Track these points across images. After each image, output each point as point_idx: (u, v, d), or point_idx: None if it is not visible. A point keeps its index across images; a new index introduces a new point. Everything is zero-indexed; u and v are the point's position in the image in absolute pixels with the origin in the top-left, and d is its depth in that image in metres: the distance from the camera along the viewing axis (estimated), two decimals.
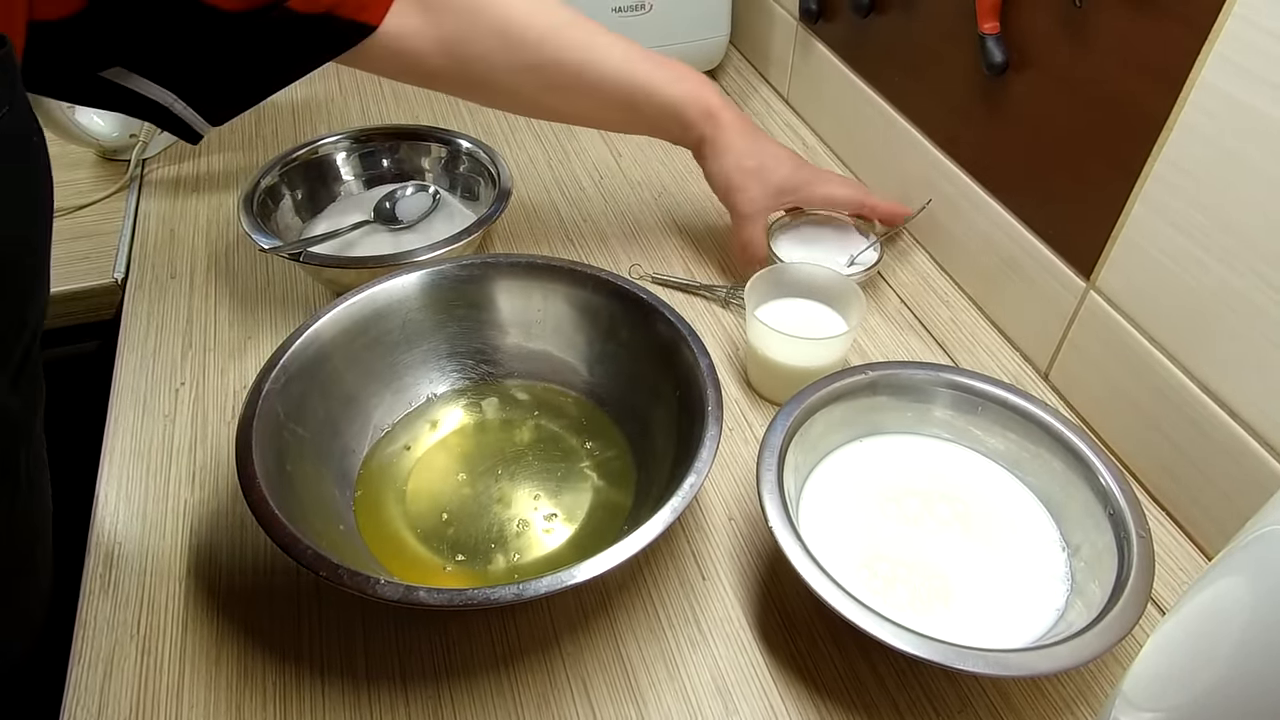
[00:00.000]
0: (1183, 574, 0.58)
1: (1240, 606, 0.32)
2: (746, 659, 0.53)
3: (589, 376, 0.65)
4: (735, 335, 0.74)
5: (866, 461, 0.60)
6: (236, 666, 0.52)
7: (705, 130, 0.73)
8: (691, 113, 0.72)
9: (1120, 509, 0.52)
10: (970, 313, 0.77)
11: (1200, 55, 0.52)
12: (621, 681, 0.52)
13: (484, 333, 0.66)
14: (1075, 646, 0.45)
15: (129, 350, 0.72)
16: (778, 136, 0.99)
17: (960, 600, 0.53)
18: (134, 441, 0.65)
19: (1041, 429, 0.57)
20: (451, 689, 0.52)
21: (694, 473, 0.51)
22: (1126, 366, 0.62)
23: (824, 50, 0.94)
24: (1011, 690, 0.52)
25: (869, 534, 0.56)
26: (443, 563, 0.56)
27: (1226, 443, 0.55)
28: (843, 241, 0.78)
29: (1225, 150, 0.51)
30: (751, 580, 0.57)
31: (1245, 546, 0.33)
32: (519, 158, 0.95)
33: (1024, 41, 0.66)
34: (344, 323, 0.61)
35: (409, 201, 0.81)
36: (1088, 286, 0.64)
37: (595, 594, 0.56)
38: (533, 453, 0.62)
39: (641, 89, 0.71)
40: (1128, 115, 0.58)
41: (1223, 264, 0.53)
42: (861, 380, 0.59)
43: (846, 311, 0.67)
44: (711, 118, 0.73)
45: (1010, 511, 0.57)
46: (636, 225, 0.86)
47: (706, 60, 1.05)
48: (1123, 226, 0.60)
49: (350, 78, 1.08)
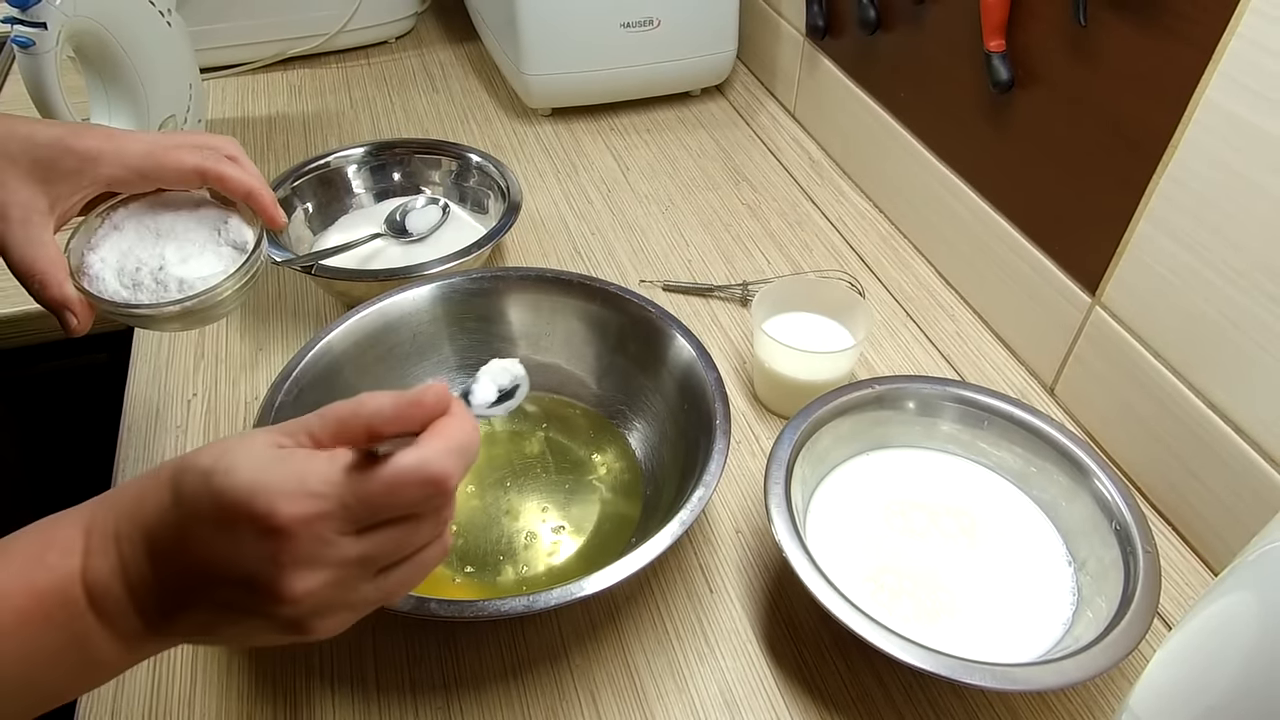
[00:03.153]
0: (1189, 589, 0.59)
1: (1246, 621, 0.32)
2: (754, 672, 0.53)
3: (597, 389, 0.66)
4: (743, 349, 0.75)
5: (873, 475, 0.60)
6: (248, 676, 0.53)
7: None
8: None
9: (1126, 523, 0.52)
10: (976, 327, 0.78)
11: (1205, 74, 0.52)
12: (629, 694, 0.52)
13: (494, 345, 0.67)
14: (1082, 661, 0.46)
15: (141, 361, 0.73)
16: (784, 152, 0.99)
17: (966, 614, 0.53)
18: (146, 452, 0.65)
19: (1047, 443, 0.57)
20: (461, 700, 0.52)
21: (702, 486, 0.51)
22: (1132, 382, 0.62)
23: (830, 66, 0.95)
24: (1018, 705, 0.52)
25: (876, 547, 0.56)
26: (452, 574, 0.56)
27: (1232, 458, 0.55)
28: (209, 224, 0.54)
29: (1230, 168, 0.52)
30: (759, 593, 0.58)
31: (1251, 562, 0.33)
32: (528, 171, 0.95)
33: (1030, 59, 0.67)
34: (355, 335, 0.62)
35: (419, 214, 0.82)
36: (1093, 302, 0.65)
37: (604, 606, 0.57)
38: (541, 465, 0.63)
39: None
40: (1133, 133, 0.59)
41: (1228, 281, 0.54)
42: (868, 394, 0.60)
43: (853, 326, 0.68)
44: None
45: (1016, 525, 0.57)
46: (644, 238, 0.86)
47: (714, 75, 1.06)
48: (1128, 243, 0.60)
49: (361, 92, 1.09)
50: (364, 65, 1.15)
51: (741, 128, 1.03)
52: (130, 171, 0.50)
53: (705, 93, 1.09)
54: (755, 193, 0.93)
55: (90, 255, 0.51)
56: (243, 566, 0.32)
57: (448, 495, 0.34)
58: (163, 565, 0.33)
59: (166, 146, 0.50)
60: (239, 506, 0.31)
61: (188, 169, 0.51)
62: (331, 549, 0.32)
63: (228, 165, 0.51)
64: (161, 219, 0.52)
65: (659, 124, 1.04)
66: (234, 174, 0.51)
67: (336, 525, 0.32)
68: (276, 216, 0.53)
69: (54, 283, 0.47)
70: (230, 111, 1.05)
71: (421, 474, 0.32)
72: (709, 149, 0.99)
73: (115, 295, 0.50)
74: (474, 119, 1.04)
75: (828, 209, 0.91)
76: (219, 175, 0.51)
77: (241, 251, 0.52)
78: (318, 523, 0.32)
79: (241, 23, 1.08)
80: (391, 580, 0.35)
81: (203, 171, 0.51)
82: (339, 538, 0.32)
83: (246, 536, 0.31)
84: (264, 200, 0.52)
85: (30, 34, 0.72)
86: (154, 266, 0.50)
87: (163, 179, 0.51)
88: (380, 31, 1.18)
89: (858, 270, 0.83)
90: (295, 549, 0.31)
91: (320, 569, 0.32)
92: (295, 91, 1.10)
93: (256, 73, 1.12)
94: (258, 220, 0.53)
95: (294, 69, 1.14)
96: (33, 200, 0.47)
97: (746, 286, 0.79)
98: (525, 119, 1.04)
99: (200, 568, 0.33)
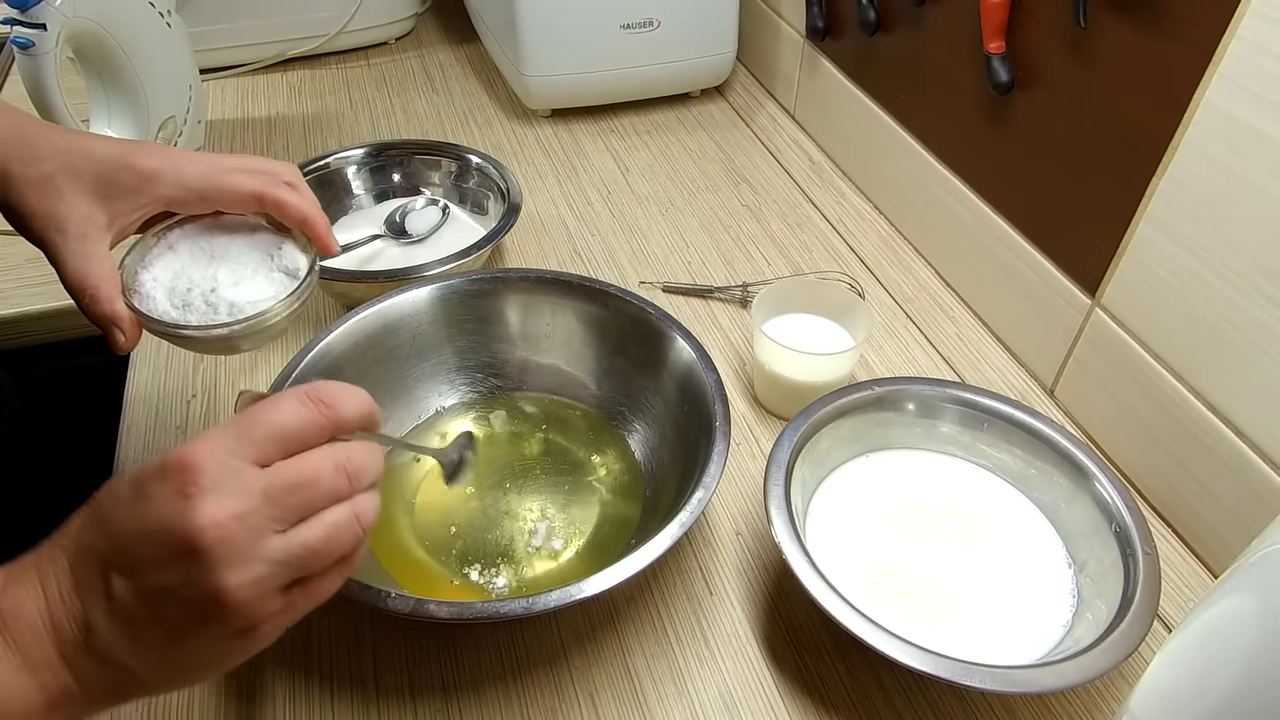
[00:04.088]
0: (1189, 591, 0.59)
1: (1247, 623, 0.32)
2: (754, 674, 0.53)
3: (597, 390, 0.66)
4: (743, 350, 0.75)
5: (873, 477, 0.60)
6: (247, 678, 0.53)
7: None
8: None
9: (1126, 525, 0.52)
10: (976, 329, 0.78)
11: (1205, 76, 0.52)
12: (629, 696, 0.52)
13: (493, 346, 0.66)
14: (1082, 663, 0.46)
15: (141, 362, 0.73)
16: (784, 153, 1.00)
17: (966, 616, 0.53)
18: (146, 453, 0.65)
19: (1047, 445, 0.57)
20: (460, 702, 0.52)
21: (702, 487, 0.51)
22: (1132, 383, 0.62)
23: (830, 68, 0.95)
24: (1018, 707, 0.52)
25: (876, 549, 0.56)
26: (450, 575, 0.56)
27: (1232, 460, 0.55)
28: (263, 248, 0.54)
29: (1229, 170, 0.52)
30: (759, 595, 0.57)
31: (1252, 564, 0.33)
32: (527, 173, 0.95)
33: (1030, 61, 0.67)
34: (355, 336, 0.61)
35: (419, 216, 0.82)
36: (1093, 304, 0.65)
37: (603, 608, 0.57)
38: (541, 466, 0.63)
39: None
40: (1133, 135, 0.59)
41: (1227, 283, 0.54)
42: (868, 396, 0.60)
43: (853, 327, 0.68)
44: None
45: (1016, 527, 0.57)
46: (644, 240, 0.86)
47: (714, 77, 1.06)
48: (1128, 245, 0.60)
49: (360, 94, 1.09)
50: (364, 66, 1.15)
51: (741, 129, 1.03)
52: (188, 192, 0.50)
53: (705, 94, 1.09)
54: (755, 194, 0.93)
55: (143, 274, 0.51)
56: (156, 515, 0.33)
57: (334, 420, 0.36)
58: (82, 565, 0.34)
59: (226, 169, 0.51)
60: (149, 467, 0.34)
61: (245, 193, 0.51)
62: (235, 477, 0.33)
63: (285, 191, 0.51)
64: (216, 241, 0.52)
65: (659, 125, 1.04)
66: (291, 200, 0.51)
67: (233, 447, 0.34)
68: (331, 245, 0.53)
69: (105, 298, 0.47)
70: (230, 113, 1.05)
71: (301, 387, 0.36)
72: (709, 150, 0.99)
73: (165, 315, 0.50)
74: (474, 120, 1.04)
75: (828, 210, 0.91)
76: (276, 200, 0.51)
77: (293, 278, 0.52)
78: (219, 449, 0.33)
79: (241, 24, 1.08)
80: (301, 535, 0.35)
81: (260, 196, 0.51)
82: (241, 464, 0.34)
83: (154, 484, 0.33)
84: (319, 228, 0.52)
85: (30, 35, 0.72)
86: (205, 289, 0.50)
87: (220, 201, 0.51)
88: (380, 32, 1.18)
89: (857, 272, 0.83)
90: (200, 478, 0.33)
91: (226, 496, 0.33)
92: (295, 92, 1.10)
93: (256, 74, 1.12)
94: (312, 247, 0.53)
95: (294, 70, 1.14)
96: (91, 215, 0.48)
97: (746, 288, 0.79)
98: (525, 120, 1.04)
99: (118, 541, 0.33)
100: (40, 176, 0.46)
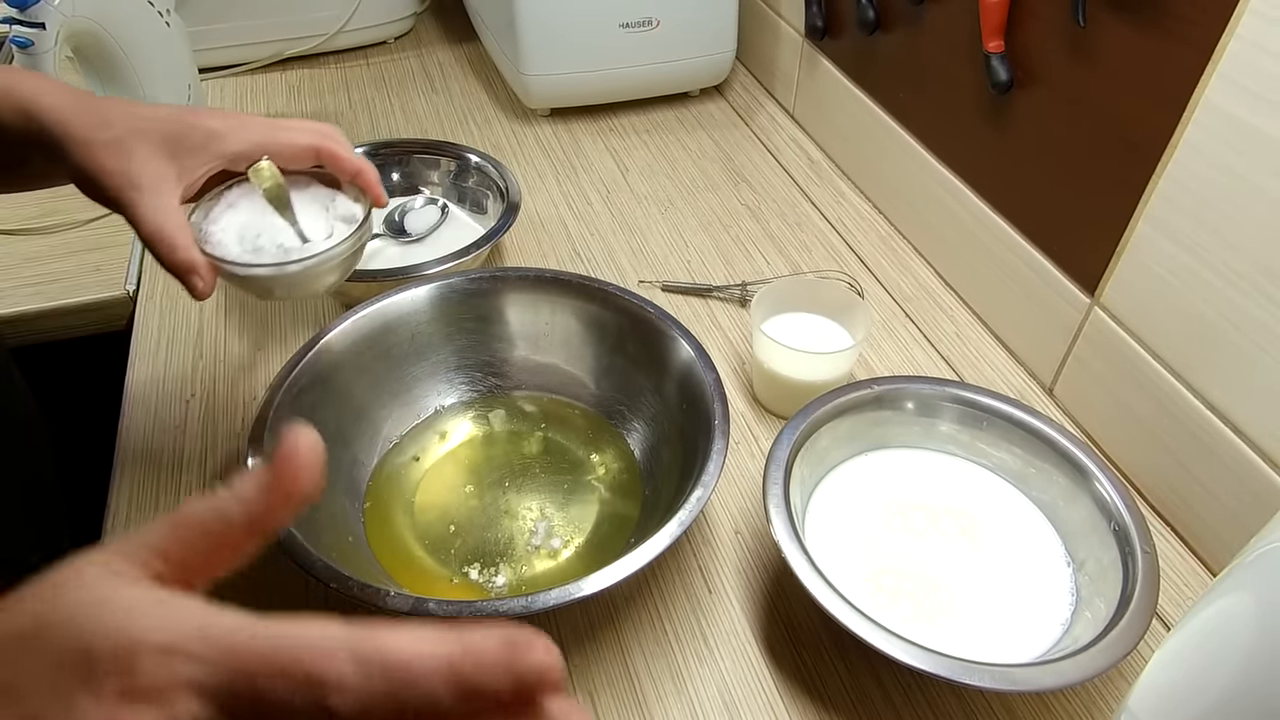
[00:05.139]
0: (1187, 589, 0.59)
1: (1245, 622, 0.32)
2: (753, 673, 0.53)
3: (596, 389, 0.66)
4: (742, 349, 0.75)
5: (872, 476, 0.60)
6: None
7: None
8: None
9: (1124, 524, 0.52)
10: (975, 327, 0.78)
11: (1204, 75, 0.52)
12: (628, 695, 0.52)
13: (492, 345, 0.66)
14: (1081, 662, 0.46)
15: (140, 362, 0.73)
16: (783, 152, 1.00)
17: (965, 614, 0.53)
18: (145, 452, 0.65)
19: (1046, 444, 0.57)
20: None
21: (701, 486, 0.51)
22: (1131, 382, 0.62)
23: (830, 67, 0.95)
24: (1017, 705, 0.52)
25: (875, 548, 0.56)
26: (450, 574, 0.56)
27: (1231, 459, 0.55)
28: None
29: (1229, 169, 0.52)
30: (758, 594, 0.57)
31: (1250, 562, 0.33)
32: (527, 172, 0.95)
33: (1029, 60, 0.67)
34: (354, 335, 0.61)
35: (418, 215, 0.82)
36: (1092, 303, 0.65)
37: (602, 607, 0.57)
38: (540, 465, 0.63)
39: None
40: (1132, 134, 0.59)
41: (1227, 282, 0.54)
42: (867, 395, 0.60)
43: (852, 326, 0.68)
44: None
45: (1015, 526, 0.57)
46: (643, 239, 0.86)
47: (713, 76, 1.06)
48: (1127, 243, 0.60)
49: (359, 93, 1.09)
50: (363, 66, 1.15)
51: (741, 128, 1.03)
52: (252, 146, 0.52)
53: (704, 93, 1.09)
54: (754, 193, 0.93)
55: (211, 227, 0.53)
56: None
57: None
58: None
59: (283, 127, 0.54)
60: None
61: (303, 146, 0.53)
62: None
63: (340, 145, 0.54)
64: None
65: (658, 124, 1.04)
66: (345, 153, 0.54)
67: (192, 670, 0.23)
68: (382, 195, 0.56)
69: (182, 245, 0.49)
70: None
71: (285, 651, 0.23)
72: (708, 150, 0.99)
73: (240, 258, 0.52)
74: (473, 119, 1.04)
75: (827, 210, 0.91)
76: (332, 153, 0.54)
77: (351, 224, 0.55)
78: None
79: (240, 23, 1.08)
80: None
81: (318, 149, 0.54)
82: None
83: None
84: (370, 178, 0.55)
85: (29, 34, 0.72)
86: (273, 235, 0.53)
87: (280, 156, 0.54)
88: (379, 32, 1.18)
89: (856, 271, 0.83)
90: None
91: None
92: (294, 92, 1.10)
93: (255, 73, 1.12)
94: (364, 197, 0.56)
95: (293, 69, 1.14)
96: (162, 171, 0.50)
97: (745, 287, 0.79)
98: (524, 119, 1.04)
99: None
100: (111, 139, 0.49)
